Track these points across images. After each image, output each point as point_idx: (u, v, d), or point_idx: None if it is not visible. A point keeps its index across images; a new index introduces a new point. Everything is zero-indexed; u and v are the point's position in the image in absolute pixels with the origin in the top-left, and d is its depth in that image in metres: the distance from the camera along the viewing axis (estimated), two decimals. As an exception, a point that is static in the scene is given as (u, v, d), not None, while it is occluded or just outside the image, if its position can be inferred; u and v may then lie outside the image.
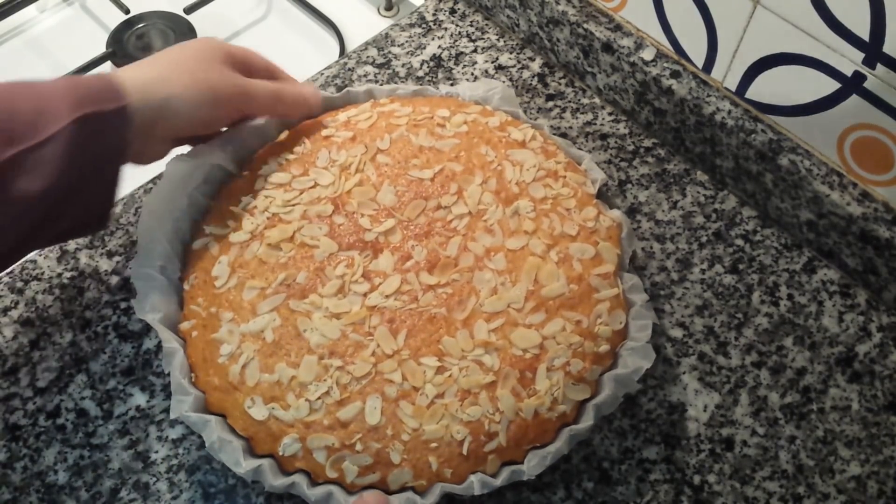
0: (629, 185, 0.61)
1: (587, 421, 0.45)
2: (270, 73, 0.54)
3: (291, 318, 0.46)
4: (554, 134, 0.63)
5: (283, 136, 0.55)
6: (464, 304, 0.47)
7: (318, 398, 0.44)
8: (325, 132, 0.53)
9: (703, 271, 0.58)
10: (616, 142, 0.64)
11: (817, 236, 0.57)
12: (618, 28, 0.62)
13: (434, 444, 0.44)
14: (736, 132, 0.58)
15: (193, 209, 0.52)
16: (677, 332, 0.55)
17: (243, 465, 0.43)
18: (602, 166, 0.62)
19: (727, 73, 0.58)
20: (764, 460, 0.50)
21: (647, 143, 0.64)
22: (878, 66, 0.49)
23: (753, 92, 0.57)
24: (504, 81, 0.66)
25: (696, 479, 0.50)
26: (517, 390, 0.45)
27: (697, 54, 0.59)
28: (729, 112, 0.58)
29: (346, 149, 0.52)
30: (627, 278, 0.50)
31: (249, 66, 0.52)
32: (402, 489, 0.44)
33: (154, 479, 0.49)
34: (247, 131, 0.54)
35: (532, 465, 0.44)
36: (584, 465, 0.50)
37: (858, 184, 0.55)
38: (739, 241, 0.59)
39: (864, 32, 0.48)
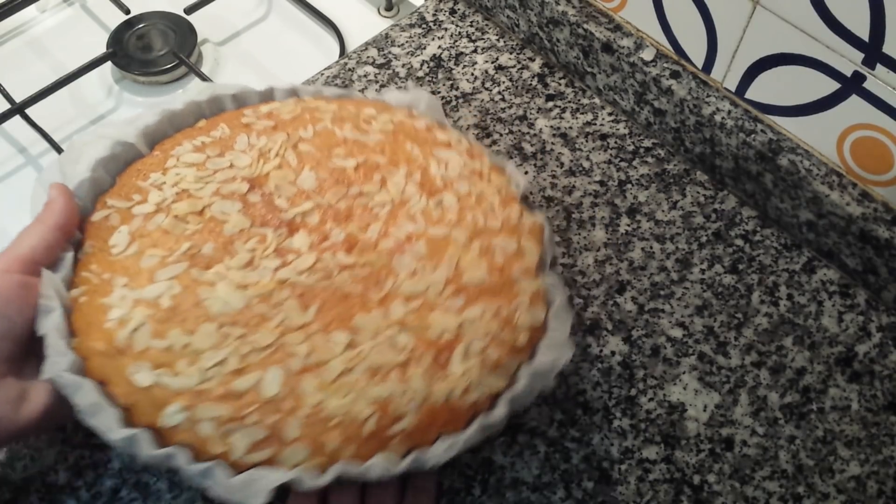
0: (629, 185, 0.61)
1: (501, 412, 0.43)
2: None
3: (192, 287, 0.43)
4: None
5: (201, 123, 0.52)
6: (381, 285, 0.44)
7: (213, 366, 0.41)
8: (244, 120, 0.51)
9: (702, 271, 0.58)
10: (616, 142, 0.64)
11: (817, 236, 0.58)
12: (618, 28, 0.62)
13: (336, 421, 0.40)
14: (736, 132, 0.58)
15: (96, 185, 0.48)
16: (677, 332, 0.55)
17: (117, 433, 0.40)
18: (602, 166, 0.62)
19: (727, 74, 0.58)
20: (764, 460, 0.50)
21: (647, 143, 0.64)
22: (878, 66, 0.49)
23: (753, 92, 0.57)
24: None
25: (696, 479, 0.50)
26: (431, 372, 0.42)
27: (697, 54, 0.59)
28: (729, 112, 0.58)
29: (267, 135, 0.50)
30: (549, 277, 0.48)
31: None
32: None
33: (154, 479, 0.49)
34: (160, 115, 0.51)
35: (438, 452, 0.41)
36: (584, 465, 0.50)
37: (858, 184, 0.55)
38: (739, 241, 0.59)
39: (863, 33, 0.48)
